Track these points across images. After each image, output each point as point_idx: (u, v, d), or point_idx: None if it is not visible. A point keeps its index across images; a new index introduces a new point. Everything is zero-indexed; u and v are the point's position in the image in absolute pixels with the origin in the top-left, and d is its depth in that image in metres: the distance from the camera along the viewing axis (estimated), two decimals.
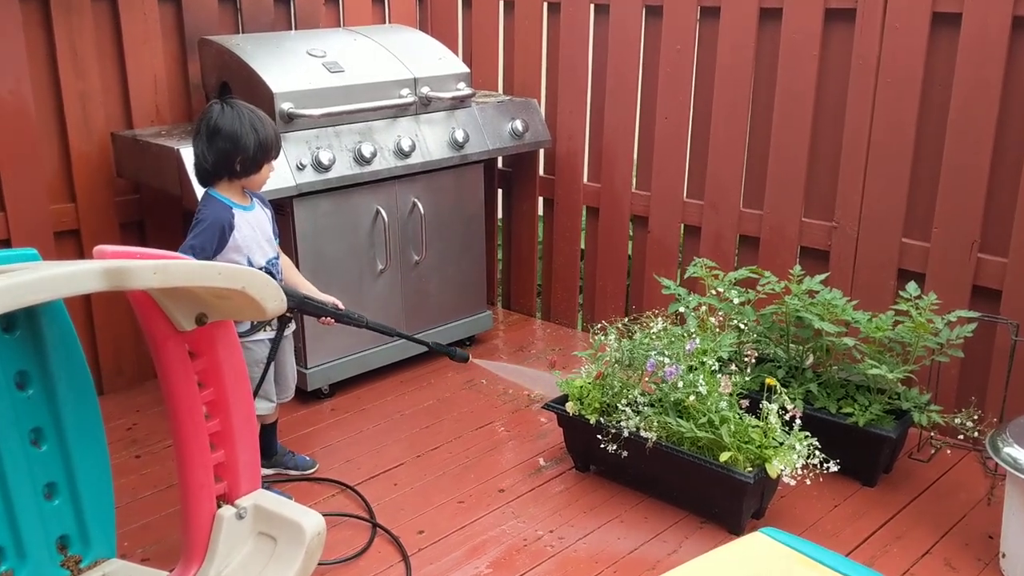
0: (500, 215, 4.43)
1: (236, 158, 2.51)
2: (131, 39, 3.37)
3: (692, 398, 2.49)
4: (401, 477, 2.96)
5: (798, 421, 2.50)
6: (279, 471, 2.97)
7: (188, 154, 2.99)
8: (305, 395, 3.43)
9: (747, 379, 2.61)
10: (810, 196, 3.36)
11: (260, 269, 2.61)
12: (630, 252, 3.95)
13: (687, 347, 2.56)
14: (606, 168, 3.89)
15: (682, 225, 3.72)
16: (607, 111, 3.83)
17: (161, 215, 3.55)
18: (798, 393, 2.85)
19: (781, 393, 2.50)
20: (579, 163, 3.99)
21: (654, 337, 2.69)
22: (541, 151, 4.12)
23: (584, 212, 4.06)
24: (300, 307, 2.65)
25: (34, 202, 3.23)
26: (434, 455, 3.09)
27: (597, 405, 2.77)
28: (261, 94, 3.18)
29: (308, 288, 2.81)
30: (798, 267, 2.94)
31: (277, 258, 2.71)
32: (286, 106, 3.17)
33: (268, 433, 2.92)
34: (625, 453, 2.69)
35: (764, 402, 2.53)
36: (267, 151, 2.55)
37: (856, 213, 3.21)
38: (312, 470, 3.00)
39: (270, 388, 2.78)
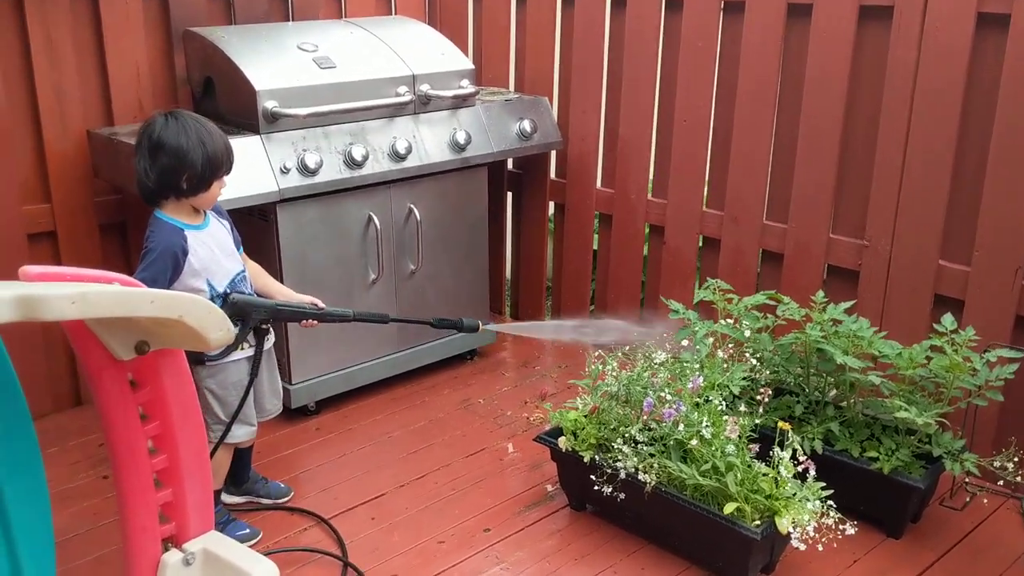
0: (509, 218, 4.18)
1: (182, 175, 2.29)
2: (112, 29, 3.17)
3: (695, 442, 2.23)
4: (381, 510, 2.73)
5: (811, 473, 2.23)
6: (250, 499, 2.77)
7: None
8: (290, 412, 3.22)
9: (759, 420, 2.34)
10: (839, 210, 3.07)
11: (224, 290, 2.41)
12: (645, 263, 3.68)
13: (690, 385, 2.30)
14: (620, 173, 3.62)
15: (700, 237, 3.45)
16: (623, 111, 3.56)
17: (145, 216, 3.33)
18: (817, 432, 2.58)
19: (793, 440, 2.22)
20: (592, 167, 3.73)
21: (657, 368, 2.42)
22: (553, 153, 3.86)
23: (597, 219, 3.80)
24: (275, 316, 2.45)
25: (5, 203, 3.05)
26: (419, 485, 2.86)
27: (593, 440, 2.53)
28: (243, 91, 2.96)
29: (283, 292, 2.60)
30: (821, 293, 2.66)
31: (243, 271, 2.49)
32: (270, 105, 2.94)
33: (242, 457, 2.72)
34: (622, 495, 2.45)
35: (775, 448, 2.26)
36: (216, 167, 2.33)
37: (889, 231, 2.92)
38: (286, 499, 2.78)
39: (250, 411, 2.57)
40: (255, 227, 3.03)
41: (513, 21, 3.89)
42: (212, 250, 2.38)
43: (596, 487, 2.45)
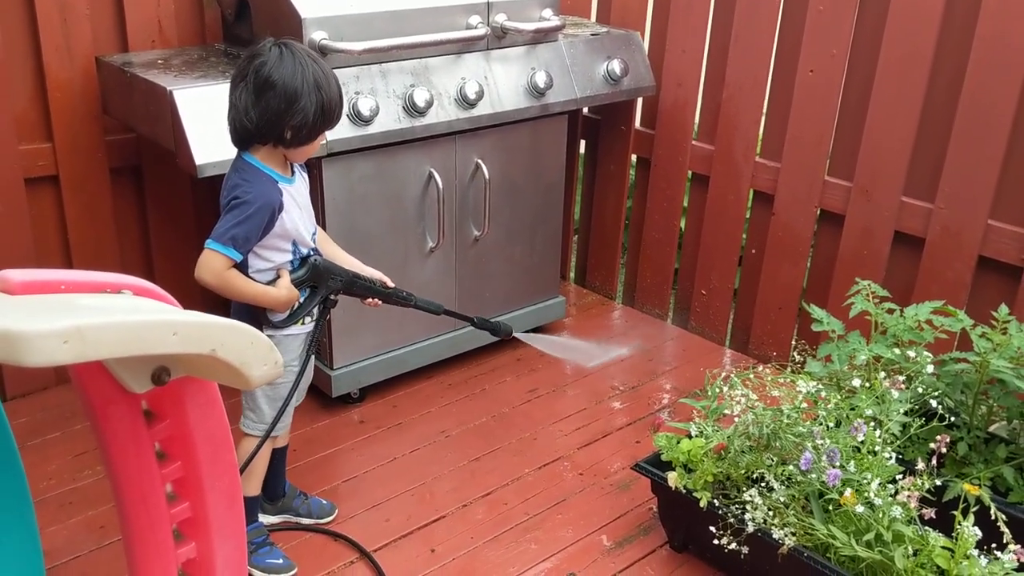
0: (581, 171, 3.64)
1: (289, 123, 1.85)
2: None
3: (860, 508, 1.75)
4: (441, 538, 2.28)
5: (1011, 555, 1.75)
6: (287, 519, 2.32)
7: (185, 97, 2.27)
8: (330, 401, 2.76)
9: (934, 479, 1.84)
10: (1003, 192, 2.52)
11: (307, 254, 2.00)
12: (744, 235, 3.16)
13: (855, 431, 1.81)
14: (724, 127, 3.07)
15: (818, 210, 2.91)
16: (732, 54, 2.98)
17: (163, 159, 2.83)
18: (983, 476, 2.09)
19: (993, 511, 1.73)
20: (688, 117, 3.16)
21: (804, 400, 1.93)
22: (639, 98, 3.29)
23: (689, 179, 3.26)
24: (348, 288, 2.06)
25: None
26: (486, 505, 2.41)
27: (709, 478, 2.05)
28: (286, 18, 2.41)
29: (350, 262, 2.15)
30: (1004, 308, 2.13)
31: (315, 232, 2.07)
32: (318, 36, 2.40)
33: (275, 463, 2.26)
34: (746, 550, 1.98)
35: (958, 517, 1.78)
36: (328, 119, 1.90)
37: None
38: (330, 519, 2.34)
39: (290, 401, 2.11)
40: None
41: None
42: (300, 208, 1.98)
43: (716, 541, 1.98)
